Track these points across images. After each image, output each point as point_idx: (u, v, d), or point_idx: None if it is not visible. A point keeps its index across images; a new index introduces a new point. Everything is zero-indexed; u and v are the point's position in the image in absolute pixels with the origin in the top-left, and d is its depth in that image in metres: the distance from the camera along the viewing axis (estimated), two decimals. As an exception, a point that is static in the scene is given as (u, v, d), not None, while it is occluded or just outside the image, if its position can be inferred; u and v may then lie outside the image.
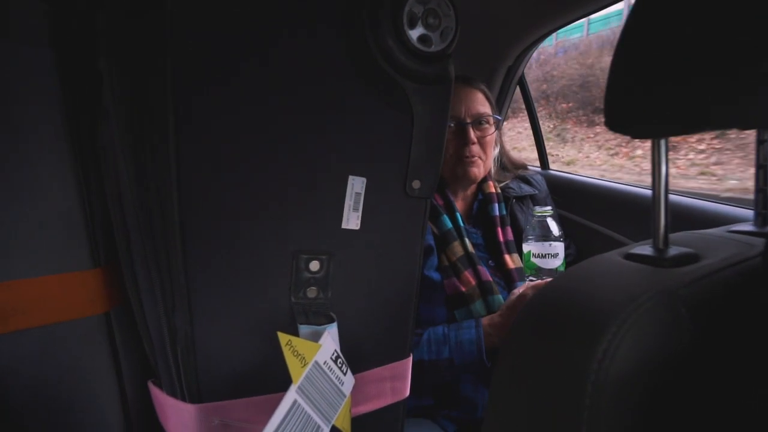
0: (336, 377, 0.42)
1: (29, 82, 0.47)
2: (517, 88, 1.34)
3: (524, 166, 0.97)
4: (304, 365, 0.39)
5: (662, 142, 0.30)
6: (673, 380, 0.25)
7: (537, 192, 0.92)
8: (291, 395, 0.37)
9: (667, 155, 0.31)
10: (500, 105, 1.31)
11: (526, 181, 0.93)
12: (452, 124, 0.79)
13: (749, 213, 0.39)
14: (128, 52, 0.43)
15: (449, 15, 0.48)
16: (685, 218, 0.79)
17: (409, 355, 0.60)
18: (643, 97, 0.27)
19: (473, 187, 0.89)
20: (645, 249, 0.31)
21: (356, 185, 0.50)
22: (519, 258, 0.82)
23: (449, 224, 0.80)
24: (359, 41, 0.47)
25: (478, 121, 0.81)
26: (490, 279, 0.76)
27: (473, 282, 0.75)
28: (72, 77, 0.49)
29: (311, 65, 0.46)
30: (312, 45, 0.46)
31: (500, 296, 0.76)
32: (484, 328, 0.71)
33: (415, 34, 0.47)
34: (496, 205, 0.85)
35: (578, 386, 0.24)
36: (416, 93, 0.50)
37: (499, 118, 0.86)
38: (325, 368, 0.41)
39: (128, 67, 0.43)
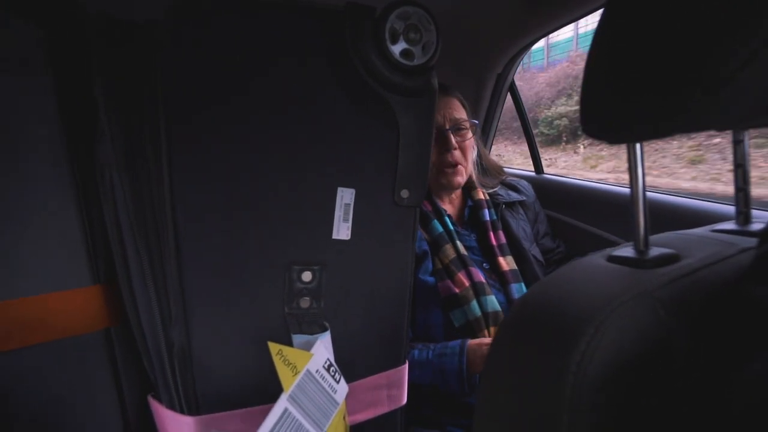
0: (329, 385, 0.43)
1: (29, 107, 0.49)
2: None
3: (501, 169, 0.99)
4: (296, 374, 0.40)
5: (637, 146, 0.31)
6: (651, 379, 0.25)
7: (526, 198, 0.94)
8: (282, 403, 0.38)
9: (642, 159, 0.31)
10: (491, 112, 1.33)
11: (513, 188, 0.95)
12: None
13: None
14: (121, 77, 0.45)
15: (430, 29, 0.50)
16: (673, 217, 0.80)
17: (404, 363, 0.60)
18: (615, 102, 0.27)
19: (460, 193, 0.91)
20: (627, 251, 0.32)
21: (346, 196, 0.51)
22: (513, 260, 0.83)
23: (440, 228, 0.82)
24: (344, 58, 0.48)
25: (457, 127, 0.83)
26: (483, 280, 0.77)
27: (467, 283, 0.76)
28: (69, 100, 0.51)
29: (299, 83, 0.48)
30: (299, 64, 0.48)
31: (493, 297, 0.77)
32: (469, 356, 0.69)
33: (397, 49, 0.49)
34: (486, 210, 0.87)
35: (558, 388, 0.24)
36: (401, 105, 0.51)
37: (476, 122, 0.88)
38: (317, 377, 0.42)
39: (122, 90, 0.45)
